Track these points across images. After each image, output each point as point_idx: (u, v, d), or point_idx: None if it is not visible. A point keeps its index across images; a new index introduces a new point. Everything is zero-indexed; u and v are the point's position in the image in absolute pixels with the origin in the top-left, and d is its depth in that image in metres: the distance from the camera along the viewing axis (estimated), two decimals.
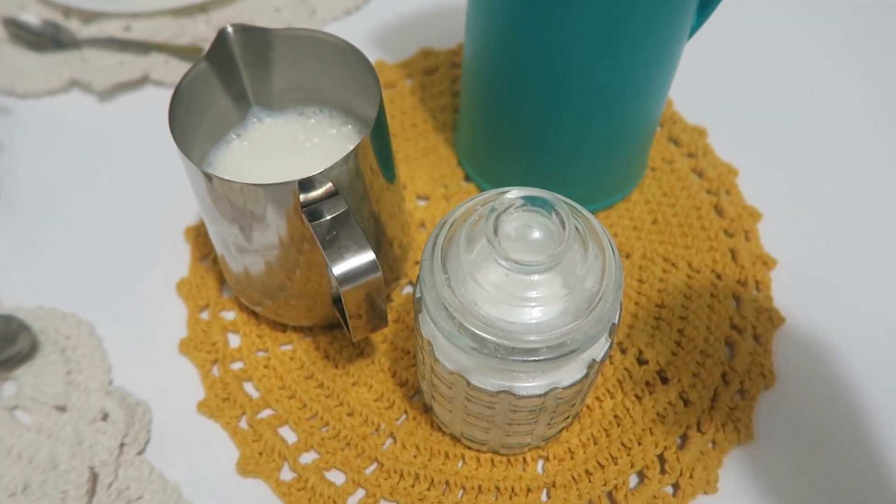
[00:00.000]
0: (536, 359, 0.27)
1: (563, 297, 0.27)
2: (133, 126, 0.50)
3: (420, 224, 0.45)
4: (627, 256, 0.44)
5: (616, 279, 0.27)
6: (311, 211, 0.31)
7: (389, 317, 0.41)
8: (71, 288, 0.42)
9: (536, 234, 0.27)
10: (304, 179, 0.30)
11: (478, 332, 0.27)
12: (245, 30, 0.35)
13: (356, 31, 0.56)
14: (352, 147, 0.38)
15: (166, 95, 0.52)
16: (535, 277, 0.27)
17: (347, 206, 0.31)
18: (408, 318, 0.41)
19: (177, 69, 0.52)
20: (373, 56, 0.54)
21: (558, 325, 0.26)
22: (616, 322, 0.29)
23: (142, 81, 0.52)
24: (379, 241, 0.37)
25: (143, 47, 0.52)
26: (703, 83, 0.51)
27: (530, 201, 0.27)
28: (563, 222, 0.26)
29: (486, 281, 0.27)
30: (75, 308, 0.41)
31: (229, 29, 0.35)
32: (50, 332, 0.40)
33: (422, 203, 0.46)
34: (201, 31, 0.55)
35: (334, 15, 0.57)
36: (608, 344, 0.29)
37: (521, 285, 0.27)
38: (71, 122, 0.50)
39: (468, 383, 0.29)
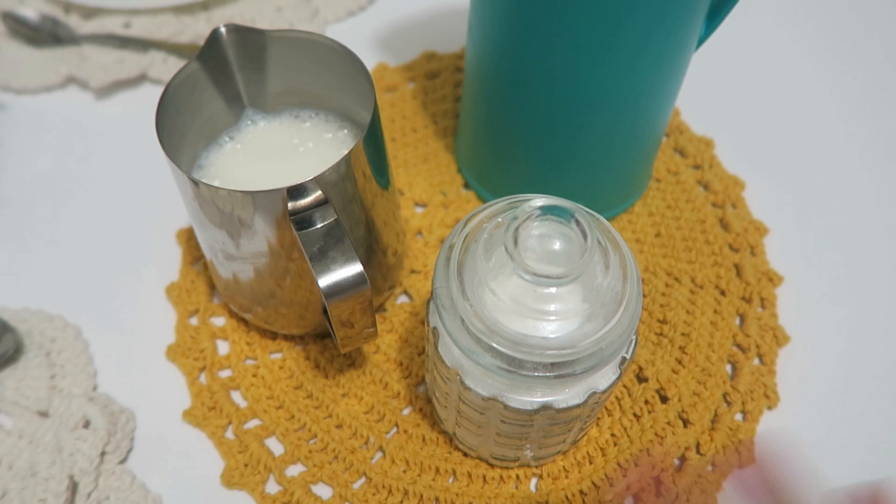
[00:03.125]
0: (533, 374, 0.26)
1: (578, 315, 0.26)
2: (129, 125, 0.49)
3: (417, 231, 0.44)
4: None
5: (634, 308, 0.26)
6: (300, 219, 0.30)
7: (383, 327, 0.40)
8: (59, 289, 0.42)
9: (557, 246, 0.26)
10: (292, 187, 0.29)
11: (482, 337, 0.26)
12: (239, 30, 0.34)
13: (359, 32, 0.55)
14: (346, 152, 0.37)
15: None
16: (554, 290, 0.26)
17: (336, 215, 0.30)
18: (402, 329, 0.40)
19: (175, 67, 0.52)
20: (375, 58, 0.53)
21: (567, 345, 0.25)
22: (628, 357, 0.28)
23: (140, 79, 0.52)
24: (372, 250, 0.36)
25: (143, 45, 0.52)
26: (712, 93, 0.50)
27: (552, 211, 0.26)
28: (585, 234, 0.25)
29: (503, 290, 0.26)
30: (63, 310, 0.40)
31: (222, 29, 0.34)
32: (35, 335, 0.39)
33: (419, 210, 0.45)
34: (202, 30, 0.54)
35: (337, 16, 0.56)
36: (615, 377, 0.28)
37: (539, 298, 0.26)
38: (67, 120, 0.50)
39: (462, 382, 0.28)
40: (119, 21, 0.54)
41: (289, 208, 0.30)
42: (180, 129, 0.34)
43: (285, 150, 0.37)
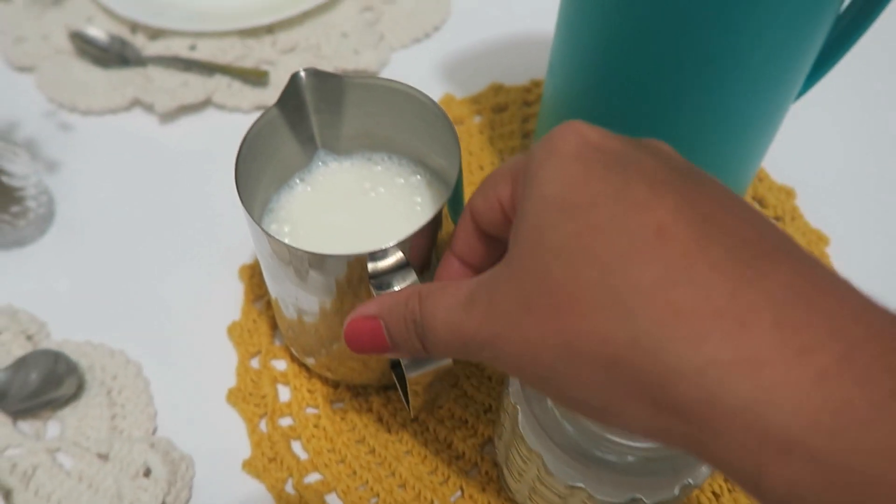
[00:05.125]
0: (625, 462, 0.24)
1: None
2: (193, 150, 0.49)
3: None
4: None
5: None
6: (379, 282, 0.29)
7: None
8: (120, 322, 0.41)
9: None
10: (374, 251, 0.28)
11: (568, 423, 0.24)
12: (318, 74, 0.33)
13: (424, 60, 0.54)
14: (419, 199, 0.36)
15: (228, 119, 0.51)
16: None
17: (417, 277, 0.29)
18: (466, 384, 0.38)
19: (239, 93, 0.51)
20: (441, 88, 0.52)
21: None
22: None
23: (204, 104, 0.51)
24: None
25: (208, 68, 0.51)
26: (796, 141, 0.48)
27: None
28: None
29: None
30: (123, 345, 0.40)
31: (302, 73, 0.33)
32: (97, 371, 0.38)
33: None
34: (266, 54, 0.53)
35: (403, 42, 0.55)
36: (709, 469, 0.27)
37: None
38: (131, 143, 0.49)
39: (544, 465, 0.27)
40: (185, 43, 0.53)
41: (369, 271, 0.28)
42: (255, 176, 0.33)
43: (356, 194, 0.36)
